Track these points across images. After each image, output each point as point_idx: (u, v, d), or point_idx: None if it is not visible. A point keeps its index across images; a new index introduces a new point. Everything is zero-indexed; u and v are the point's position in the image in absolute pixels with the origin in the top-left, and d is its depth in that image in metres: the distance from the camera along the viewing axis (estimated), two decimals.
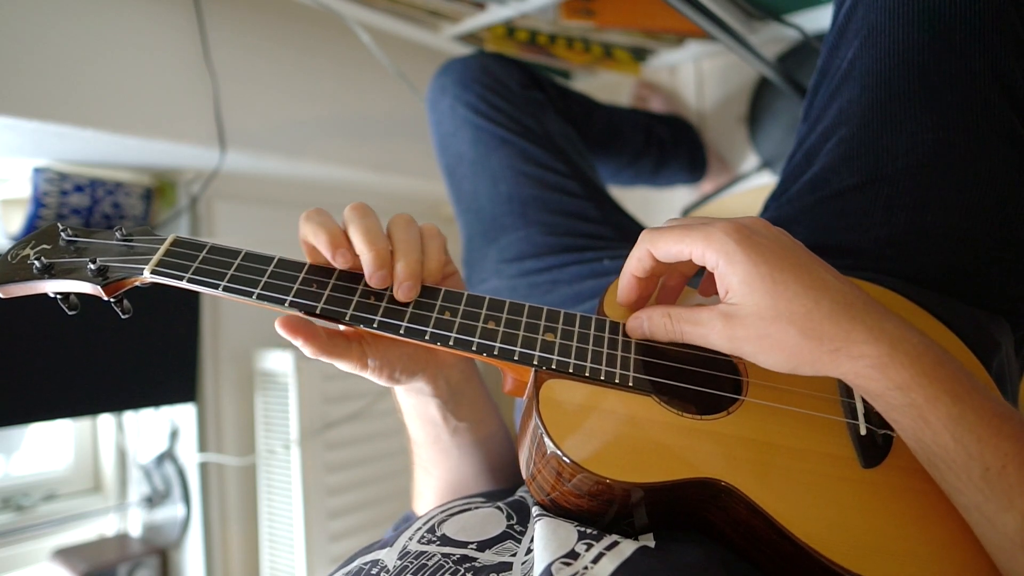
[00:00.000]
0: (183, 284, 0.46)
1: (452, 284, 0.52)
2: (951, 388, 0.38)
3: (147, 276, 0.46)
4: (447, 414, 0.55)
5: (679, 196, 1.61)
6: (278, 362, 1.24)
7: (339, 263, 0.45)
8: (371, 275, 0.45)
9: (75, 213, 1.11)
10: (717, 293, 0.48)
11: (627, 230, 0.81)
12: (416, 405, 0.55)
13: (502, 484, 0.62)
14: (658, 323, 0.45)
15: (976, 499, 0.37)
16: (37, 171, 1.07)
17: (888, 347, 0.38)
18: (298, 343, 0.45)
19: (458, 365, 0.54)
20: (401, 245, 0.47)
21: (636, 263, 0.46)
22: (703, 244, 0.41)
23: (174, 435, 1.27)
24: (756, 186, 1.40)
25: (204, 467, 1.24)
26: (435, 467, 0.60)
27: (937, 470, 0.39)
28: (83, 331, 1.07)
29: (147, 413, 1.31)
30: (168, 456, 1.27)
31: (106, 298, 0.46)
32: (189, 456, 1.24)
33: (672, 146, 1.36)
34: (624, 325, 0.48)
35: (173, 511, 1.25)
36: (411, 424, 0.58)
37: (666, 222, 0.47)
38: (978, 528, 0.38)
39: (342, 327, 0.48)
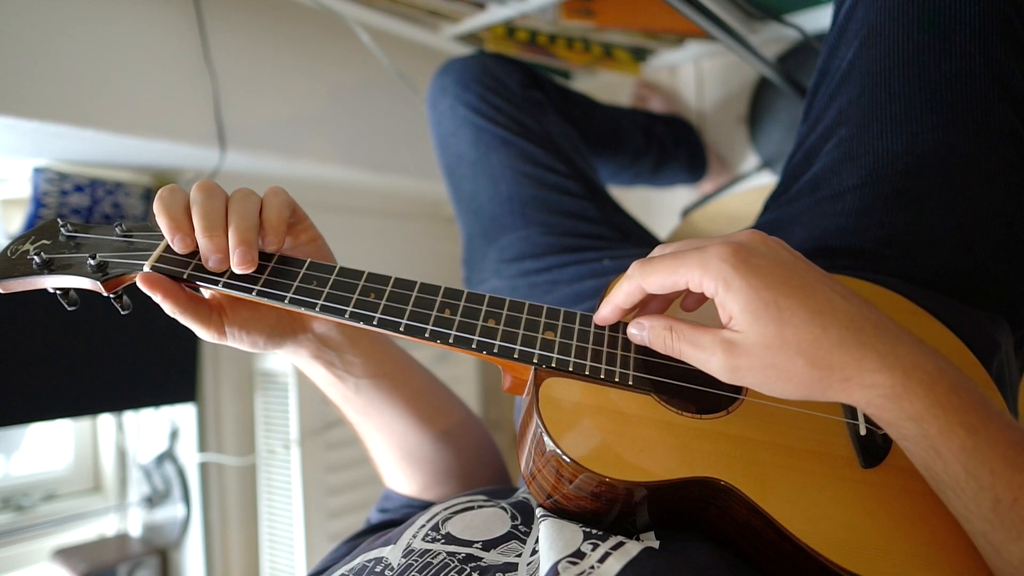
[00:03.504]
0: (183, 280, 0.46)
1: (312, 249, 0.51)
2: (966, 419, 0.36)
3: (147, 272, 0.46)
4: (341, 373, 0.55)
5: (679, 196, 1.61)
6: (278, 362, 1.24)
7: (177, 248, 0.45)
8: (206, 260, 0.45)
9: (75, 213, 1.11)
10: (699, 308, 0.47)
11: (627, 230, 0.81)
12: (306, 369, 0.55)
13: (446, 433, 0.61)
14: (658, 335, 0.43)
15: (983, 528, 0.37)
16: (37, 171, 1.07)
17: (902, 376, 0.37)
18: (157, 298, 0.45)
19: (335, 325, 0.52)
20: (232, 216, 0.46)
21: (624, 297, 0.44)
22: (700, 272, 0.39)
23: (174, 435, 1.27)
24: (756, 186, 1.39)
25: (204, 467, 1.24)
26: (364, 428, 0.61)
27: (945, 496, 0.38)
28: (83, 331, 1.07)
29: (147, 413, 1.31)
30: (168, 456, 1.27)
31: (105, 294, 0.46)
32: (189, 456, 1.24)
33: (672, 146, 1.36)
34: (624, 325, 0.48)
35: (173, 511, 1.25)
36: (320, 388, 0.58)
37: (656, 250, 0.45)
38: (983, 552, 0.38)
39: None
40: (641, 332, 0.45)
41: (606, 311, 0.46)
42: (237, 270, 0.45)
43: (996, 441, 0.36)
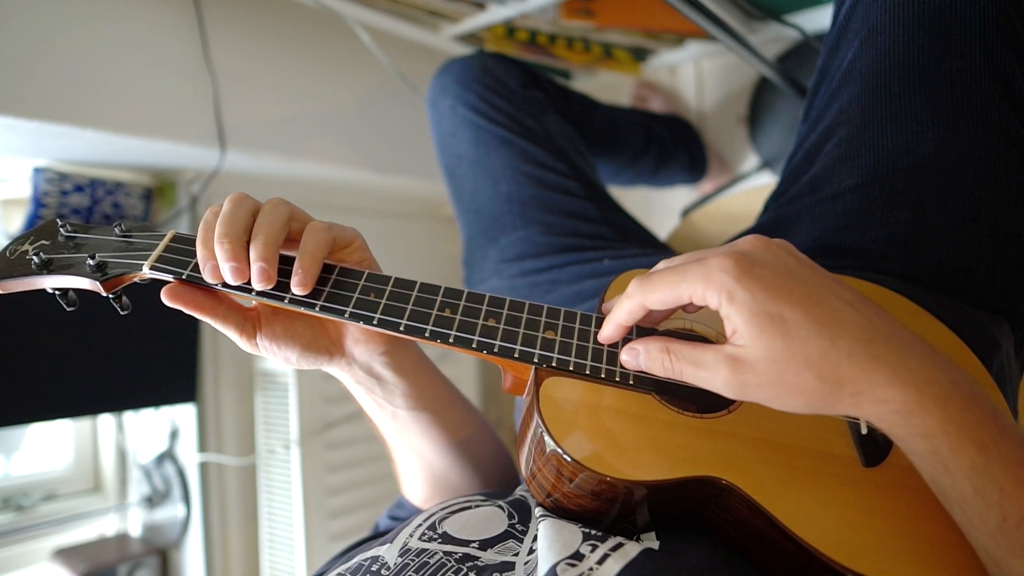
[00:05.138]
0: (183, 280, 0.46)
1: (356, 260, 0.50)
2: (977, 437, 0.35)
3: (146, 272, 0.46)
4: (380, 401, 0.54)
5: (679, 196, 1.61)
6: (278, 362, 1.24)
7: (199, 255, 0.44)
8: (225, 274, 0.44)
9: (75, 213, 1.11)
10: (702, 310, 0.47)
11: (627, 230, 0.81)
12: (347, 386, 0.55)
13: (475, 464, 0.61)
14: (655, 358, 0.42)
15: (987, 544, 0.36)
16: (37, 171, 1.07)
17: (914, 391, 0.36)
18: (180, 307, 0.45)
19: (384, 355, 0.50)
20: (256, 230, 0.44)
21: (626, 315, 0.43)
22: (702, 285, 0.38)
23: (174, 435, 1.27)
24: (756, 186, 1.40)
25: (204, 467, 1.24)
26: (395, 445, 0.60)
27: (951, 511, 0.38)
28: (83, 331, 1.07)
29: (147, 413, 1.31)
30: (168, 456, 1.27)
31: (105, 294, 0.46)
32: (189, 456, 1.24)
33: (672, 146, 1.36)
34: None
35: (173, 511, 1.25)
36: (358, 400, 0.57)
37: (659, 265, 0.44)
38: (986, 565, 0.38)
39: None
40: (636, 359, 0.44)
41: (609, 330, 0.45)
42: (257, 286, 0.44)
43: (1007, 460, 0.35)
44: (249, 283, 0.45)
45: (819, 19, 1.25)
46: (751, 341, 0.37)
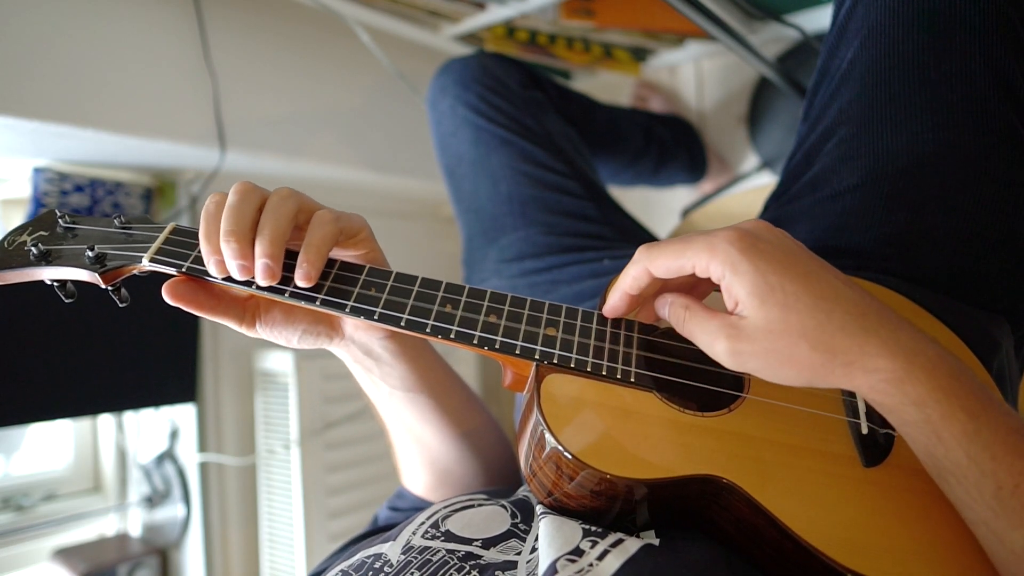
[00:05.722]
0: (182, 273, 0.45)
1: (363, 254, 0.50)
2: (967, 404, 0.36)
3: (146, 264, 0.45)
4: (376, 380, 0.55)
5: (679, 196, 1.61)
6: (278, 362, 1.24)
7: (204, 250, 0.44)
8: (228, 266, 0.44)
9: (75, 213, 1.11)
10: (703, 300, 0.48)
11: (627, 230, 0.81)
12: (347, 364, 0.55)
13: (478, 457, 0.61)
14: (677, 312, 0.43)
15: (985, 515, 0.37)
16: (37, 171, 1.07)
17: (904, 361, 0.37)
18: (181, 306, 0.45)
19: (384, 339, 0.51)
20: (263, 223, 0.44)
21: (631, 281, 0.44)
22: (707, 255, 0.39)
23: (174, 435, 1.27)
24: (756, 186, 1.40)
25: (204, 467, 1.24)
26: (392, 428, 0.60)
27: (947, 484, 0.39)
28: (83, 331, 1.07)
29: (147, 413, 1.31)
30: (168, 456, 1.27)
31: (103, 286, 0.46)
32: (189, 456, 1.24)
33: (672, 146, 1.36)
34: (627, 322, 0.48)
35: (173, 511, 1.25)
36: (357, 381, 0.58)
37: (665, 240, 0.45)
38: (985, 541, 0.38)
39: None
40: (663, 308, 0.45)
41: (615, 298, 0.46)
42: (261, 282, 0.44)
43: (997, 426, 0.36)
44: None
45: (819, 19, 1.25)
46: (752, 311, 0.39)
